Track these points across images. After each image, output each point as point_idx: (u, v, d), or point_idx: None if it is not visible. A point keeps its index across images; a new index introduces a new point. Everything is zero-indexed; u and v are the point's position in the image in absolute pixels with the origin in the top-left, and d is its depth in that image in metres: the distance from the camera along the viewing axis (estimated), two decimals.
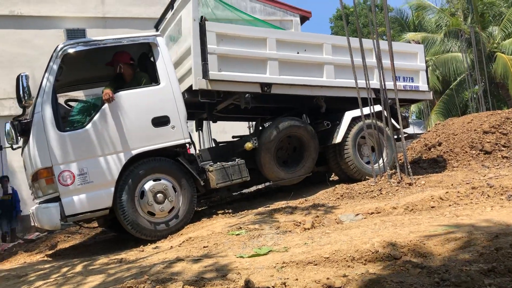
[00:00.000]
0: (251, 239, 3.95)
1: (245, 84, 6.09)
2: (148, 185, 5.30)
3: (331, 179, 7.79)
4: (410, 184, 5.88)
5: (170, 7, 6.71)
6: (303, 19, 16.02)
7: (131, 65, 5.82)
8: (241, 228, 4.46)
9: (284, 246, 3.49)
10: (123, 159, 5.22)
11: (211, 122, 8.52)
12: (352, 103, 6.64)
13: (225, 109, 6.99)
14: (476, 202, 4.33)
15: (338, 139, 6.67)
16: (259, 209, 5.77)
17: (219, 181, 5.80)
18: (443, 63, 20.33)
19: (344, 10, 7.51)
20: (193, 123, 8.00)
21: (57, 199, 5.00)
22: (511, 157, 7.34)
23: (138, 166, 5.30)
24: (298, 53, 6.49)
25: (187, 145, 5.72)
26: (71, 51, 5.25)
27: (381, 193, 5.71)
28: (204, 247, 3.97)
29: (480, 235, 2.99)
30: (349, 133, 6.74)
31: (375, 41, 6.40)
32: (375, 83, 6.69)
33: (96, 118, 5.23)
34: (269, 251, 3.38)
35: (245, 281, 2.52)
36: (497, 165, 6.99)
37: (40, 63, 8.08)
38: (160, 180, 5.38)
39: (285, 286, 2.47)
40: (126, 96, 5.38)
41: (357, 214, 4.53)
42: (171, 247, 4.45)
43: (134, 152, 5.29)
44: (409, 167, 6.16)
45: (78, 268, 4.08)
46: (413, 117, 28.04)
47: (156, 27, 7.46)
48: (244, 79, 6.06)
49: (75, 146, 5.09)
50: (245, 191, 7.94)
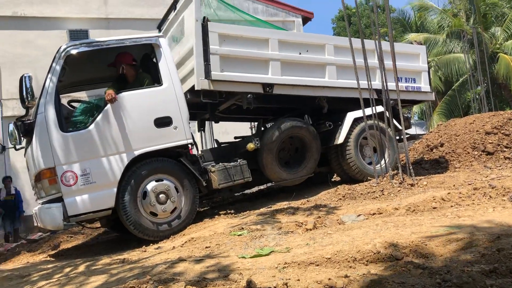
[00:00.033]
0: (253, 239, 3.95)
1: (247, 84, 6.10)
2: (151, 185, 5.31)
3: (333, 179, 7.79)
4: (412, 185, 5.88)
5: (172, 7, 6.73)
6: (305, 19, 16.04)
7: (134, 66, 5.84)
8: (243, 228, 4.46)
9: (286, 246, 3.49)
10: (125, 159, 5.23)
11: (213, 123, 8.54)
12: (354, 104, 6.65)
13: (227, 110, 7.00)
14: (478, 203, 4.33)
15: (340, 139, 6.67)
16: (261, 209, 5.78)
17: (221, 181, 5.81)
18: (445, 63, 20.33)
19: (346, 11, 7.52)
20: (195, 123, 8.02)
21: (60, 199, 5.01)
22: None
23: (141, 166, 5.31)
24: (300, 53, 6.50)
25: (189, 145, 5.72)
26: (74, 52, 5.27)
27: (383, 194, 5.71)
28: (206, 247, 3.98)
29: (482, 236, 2.99)
30: (351, 133, 6.74)
31: (377, 42, 6.41)
32: (377, 83, 6.70)
33: (98, 118, 5.24)
34: (271, 251, 3.39)
35: (247, 282, 2.53)
36: (499, 166, 6.98)
37: (43, 64, 8.12)
38: (162, 180, 5.39)
39: (287, 287, 2.47)
40: (128, 97, 5.40)
41: (359, 215, 4.53)
42: (173, 247, 4.46)
43: (137, 153, 5.29)
44: (411, 168, 6.17)
45: (81, 268, 4.09)
46: (415, 118, 28.00)
47: (158, 28, 7.48)
48: (246, 79, 6.07)
49: (78, 146, 5.10)
50: (247, 191, 7.95)
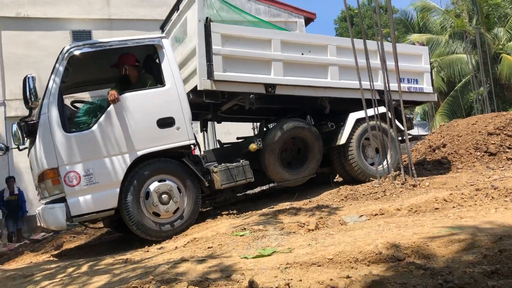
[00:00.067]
0: (255, 240, 3.96)
1: (249, 85, 6.11)
2: (153, 186, 5.33)
3: (335, 180, 7.78)
4: (414, 186, 5.88)
5: (175, 8, 6.75)
6: (308, 20, 16.04)
7: (136, 66, 5.85)
8: (245, 229, 4.47)
9: (288, 247, 3.50)
10: (128, 160, 5.25)
11: (215, 123, 8.55)
12: (356, 105, 6.65)
13: (229, 110, 7.02)
14: (480, 204, 4.32)
15: (342, 140, 6.67)
16: (263, 210, 5.79)
17: (223, 182, 5.82)
18: (448, 64, 20.30)
19: (348, 11, 7.51)
20: (198, 124, 8.03)
21: (63, 199, 5.03)
22: None
23: (143, 167, 5.32)
24: (302, 54, 6.51)
25: (192, 146, 5.73)
26: (77, 53, 5.28)
27: (385, 195, 5.71)
28: (209, 247, 3.98)
29: (484, 237, 2.99)
30: (353, 134, 6.74)
31: (379, 42, 6.41)
32: (379, 84, 6.70)
33: (101, 119, 5.26)
34: (273, 252, 3.39)
35: (249, 282, 2.54)
36: (502, 167, 6.97)
37: (46, 64, 8.14)
38: (165, 181, 5.40)
39: (289, 287, 2.48)
40: (131, 97, 5.41)
41: (361, 216, 4.53)
42: (176, 247, 4.47)
43: (140, 153, 5.31)
44: (413, 168, 6.16)
45: (84, 268, 4.10)
46: (417, 119, 27.95)
47: (161, 28, 7.51)
48: (249, 79, 6.09)
49: (81, 147, 5.12)
50: (249, 192, 7.96)
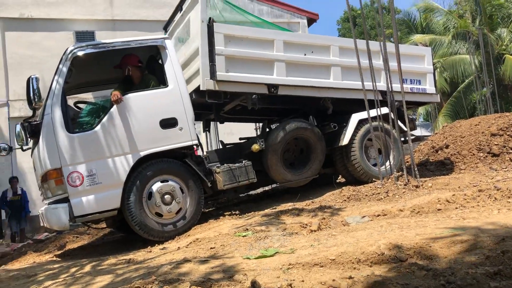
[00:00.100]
0: (257, 240, 3.96)
1: (252, 85, 6.12)
2: (156, 186, 5.34)
3: (337, 181, 7.78)
4: (417, 187, 5.87)
5: (178, 8, 6.77)
6: (310, 21, 16.03)
7: (139, 67, 5.86)
8: (247, 229, 4.47)
9: (291, 247, 3.50)
10: (131, 160, 5.26)
11: (218, 124, 8.56)
12: (359, 105, 6.65)
13: (232, 110, 7.02)
14: (483, 205, 4.32)
15: (345, 141, 6.67)
16: (266, 210, 5.79)
17: (226, 182, 5.83)
18: (451, 65, 20.28)
19: (351, 12, 7.51)
20: (201, 124, 8.04)
21: (66, 199, 5.04)
22: None
23: (146, 167, 5.33)
24: (305, 54, 6.51)
25: (194, 146, 5.75)
26: (80, 53, 5.30)
27: (388, 196, 5.71)
28: (211, 248, 3.98)
29: (487, 238, 2.99)
30: (356, 135, 6.74)
31: (382, 43, 6.41)
32: (382, 85, 6.69)
33: (105, 120, 5.27)
34: (276, 252, 3.39)
35: (251, 282, 2.54)
36: (505, 168, 6.96)
37: (50, 65, 8.17)
38: (167, 181, 5.41)
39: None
40: (134, 98, 5.42)
41: (364, 216, 4.53)
42: (179, 248, 4.47)
43: (142, 154, 5.32)
44: (416, 169, 6.16)
45: (87, 268, 4.11)
46: (420, 119, 27.95)
47: (165, 29, 7.53)
48: (251, 80, 6.09)
49: (84, 147, 5.13)
50: (252, 192, 7.96)
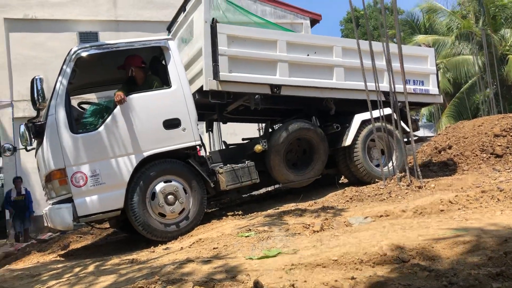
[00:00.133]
0: (260, 241, 3.97)
1: (255, 85, 6.12)
2: (159, 186, 5.35)
3: (340, 181, 7.77)
4: (419, 187, 5.87)
5: (182, 9, 6.78)
6: (313, 22, 16.03)
7: (143, 68, 5.88)
8: (250, 230, 4.48)
9: (293, 248, 3.51)
10: (134, 161, 5.27)
11: (221, 124, 8.57)
12: (361, 106, 6.65)
13: (235, 110, 7.03)
14: (486, 206, 4.32)
15: (348, 141, 6.67)
16: (269, 211, 5.80)
17: (229, 183, 5.84)
18: (454, 65, 20.22)
19: (354, 13, 7.52)
20: (203, 125, 8.05)
21: (69, 200, 5.06)
22: None
23: (150, 168, 5.34)
24: (308, 55, 6.51)
25: (197, 147, 5.76)
26: (84, 54, 5.32)
27: (391, 196, 5.70)
28: (214, 248, 4.00)
29: (489, 239, 2.99)
30: (359, 136, 6.73)
31: (385, 44, 6.40)
32: (385, 86, 6.68)
33: (108, 120, 5.29)
34: (278, 253, 3.40)
35: (254, 283, 2.55)
36: (508, 169, 6.93)
37: (54, 66, 8.19)
38: (171, 181, 5.42)
39: None
40: (138, 99, 5.44)
41: (366, 217, 4.53)
42: (181, 248, 4.49)
43: (146, 154, 5.33)
44: (418, 170, 6.15)
45: (90, 268, 4.14)
46: (423, 120, 27.89)
47: (168, 29, 7.55)
48: (254, 80, 6.10)
49: (87, 148, 5.16)
50: (254, 193, 7.96)
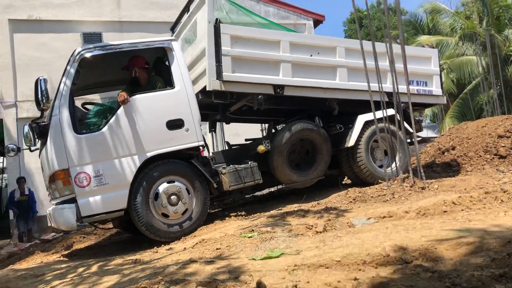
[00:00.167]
0: (263, 241, 3.97)
1: (258, 85, 6.13)
2: (162, 187, 5.36)
3: (343, 182, 7.78)
4: (423, 188, 5.85)
5: (186, 10, 6.80)
6: (317, 22, 16.00)
7: (146, 69, 5.89)
8: (253, 230, 4.48)
9: (296, 249, 3.51)
10: (138, 161, 5.28)
11: (224, 125, 8.58)
12: (365, 107, 6.64)
13: (238, 111, 7.04)
14: (489, 207, 4.30)
15: (351, 142, 6.67)
16: (272, 212, 5.80)
17: (232, 183, 5.84)
18: (458, 66, 20.14)
19: (357, 13, 7.51)
20: (206, 125, 8.06)
21: (73, 200, 5.08)
22: None
23: (153, 168, 5.35)
24: (311, 55, 6.52)
25: (200, 147, 5.77)
26: (88, 55, 5.35)
27: (394, 197, 5.69)
28: (217, 249, 4.00)
29: (492, 240, 2.99)
30: (362, 136, 6.73)
31: (388, 44, 6.39)
32: (388, 86, 6.68)
33: (112, 121, 5.31)
34: (281, 253, 3.40)
35: (257, 283, 2.56)
36: None
37: (57, 66, 8.24)
38: (174, 182, 5.43)
39: None
40: (141, 99, 5.45)
41: (369, 218, 4.53)
42: (185, 248, 4.50)
43: (149, 155, 5.34)
44: (422, 171, 6.14)
45: (94, 268, 4.15)
46: (427, 121, 27.81)
47: (172, 30, 7.57)
48: (257, 80, 6.11)
49: (91, 148, 5.17)
50: (257, 193, 7.96)
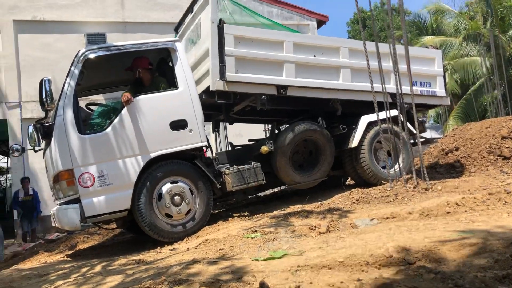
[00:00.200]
0: (266, 242, 3.97)
1: (261, 86, 6.14)
2: (166, 187, 5.38)
3: (346, 183, 7.77)
4: (426, 189, 5.84)
5: (189, 10, 6.82)
6: (320, 23, 16.02)
7: (150, 70, 5.92)
8: (256, 231, 4.49)
9: (299, 249, 3.51)
10: (141, 162, 5.30)
11: (227, 126, 8.59)
12: (368, 107, 6.64)
13: (241, 111, 7.04)
14: (493, 208, 4.29)
15: (354, 143, 6.67)
16: (275, 212, 5.81)
17: (235, 184, 5.86)
18: (461, 67, 20.08)
19: (361, 14, 7.51)
20: (210, 125, 8.08)
21: (77, 200, 5.10)
22: None
23: (156, 168, 5.37)
24: (314, 56, 6.52)
25: (204, 148, 5.78)
26: (92, 56, 5.37)
27: (397, 198, 5.69)
28: (220, 249, 4.01)
29: (496, 241, 2.98)
30: (365, 137, 6.73)
31: (391, 45, 6.39)
32: (391, 87, 6.67)
33: (115, 121, 5.33)
34: (284, 254, 3.40)
35: (260, 284, 2.56)
36: None
37: (62, 67, 8.28)
38: (177, 182, 5.45)
39: None
40: (145, 100, 5.47)
41: (372, 219, 4.53)
42: (188, 249, 4.51)
43: (153, 155, 5.36)
44: (425, 172, 6.13)
45: (97, 268, 4.16)
46: (430, 122, 27.74)
47: (175, 30, 7.59)
48: (261, 81, 6.12)
49: (95, 148, 5.19)
50: (261, 194, 7.97)
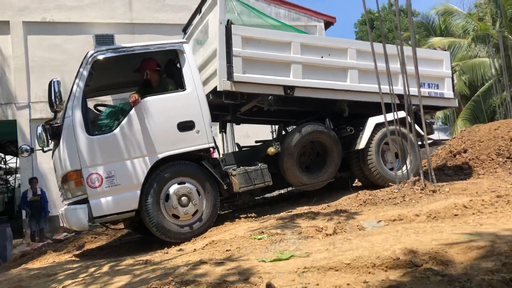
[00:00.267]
0: (273, 243, 3.98)
1: (268, 86, 6.15)
2: (173, 188, 5.40)
3: (354, 185, 7.75)
4: (434, 191, 5.81)
5: (198, 11, 6.85)
6: (328, 24, 16.01)
7: (158, 71, 5.94)
8: (263, 232, 4.49)
9: (306, 251, 3.51)
10: (149, 162, 5.33)
11: (234, 127, 8.61)
12: (375, 109, 6.62)
13: (248, 112, 7.05)
14: (501, 211, 4.26)
15: (362, 145, 6.65)
16: (281, 214, 5.81)
17: (242, 185, 5.87)
18: (470, 68, 19.97)
19: (368, 15, 7.49)
20: (217, 126, 8.10)
21: (85, 200, 5.13)
22: None
23: (164, 169, 5.39)
24: (322, 57, 6.52)
25: (211, 149, 5.80)
26: (100, 57, 5.40)
27: (404, 200, 5.67)
28: (227, 250, 4.02)
29: (504, 244, 2.96)
30: (373, 139, 6.71)
31: (399, 46, 6.37)
32: (399, 88, 6.65)
33: (123, 122, 5.36)
34: (291, 256, 3.41)
35: (266, 285, 2.57)
36: None
37: (70, 68, 8.32)
38: (184, 183, 5.46)
39: None
40: (152, 101, 5.50)
41: (380, 221, 4.52)
42: (195, 249, 4.53)
43: (160, 156, 5.38)
44: (433, 174, 6.10)
45: (105, 268, 4.19)
46: (439, 123, 27.60)
47: (184, 31, 7.63)
48: (268, 81, 6.13)
49: (103, 149, 5.23)
50: (267, 195, 7.98)
